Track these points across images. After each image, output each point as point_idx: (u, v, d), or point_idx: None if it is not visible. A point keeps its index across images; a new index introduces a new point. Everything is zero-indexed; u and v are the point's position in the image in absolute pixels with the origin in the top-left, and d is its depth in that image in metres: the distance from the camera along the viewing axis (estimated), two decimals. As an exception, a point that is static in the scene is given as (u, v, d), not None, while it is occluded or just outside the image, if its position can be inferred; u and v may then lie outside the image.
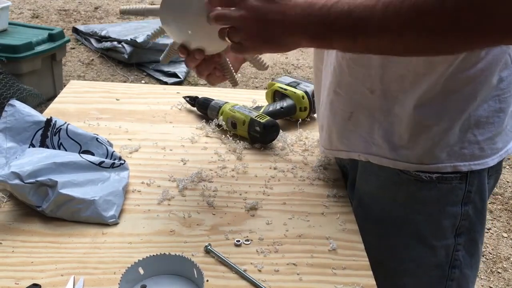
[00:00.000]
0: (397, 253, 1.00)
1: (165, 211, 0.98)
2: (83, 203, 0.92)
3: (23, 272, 0.81)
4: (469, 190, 0.95)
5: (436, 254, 0.99)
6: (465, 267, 1.00)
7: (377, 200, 1.02)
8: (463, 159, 0.92)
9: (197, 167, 1.12)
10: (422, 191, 0.96)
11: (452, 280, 1.00)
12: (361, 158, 1.00)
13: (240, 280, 0.83)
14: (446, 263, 0.99)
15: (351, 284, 0.83)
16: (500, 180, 3.02)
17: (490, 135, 0.92)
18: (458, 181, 0.94)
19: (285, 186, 1.08)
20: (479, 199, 0.97)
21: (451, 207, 0.96)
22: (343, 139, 1.01)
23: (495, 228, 2.65)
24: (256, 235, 0.93)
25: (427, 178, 0.94)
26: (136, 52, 4.07)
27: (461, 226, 0.97)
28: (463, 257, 1.00)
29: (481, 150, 0.92)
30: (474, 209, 0.97)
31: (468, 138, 0.91)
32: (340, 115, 0.99)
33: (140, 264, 0.79)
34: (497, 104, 0.90)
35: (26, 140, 1.03)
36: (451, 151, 0.92)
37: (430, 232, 0.98)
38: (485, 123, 0.91)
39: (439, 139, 0.91)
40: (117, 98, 1.42)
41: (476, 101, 0.89)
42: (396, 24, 0.69)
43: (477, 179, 0.95)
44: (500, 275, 2.34)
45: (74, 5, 5.51)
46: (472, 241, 1.00)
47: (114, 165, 1.02)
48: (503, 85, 0.89)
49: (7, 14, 3.43)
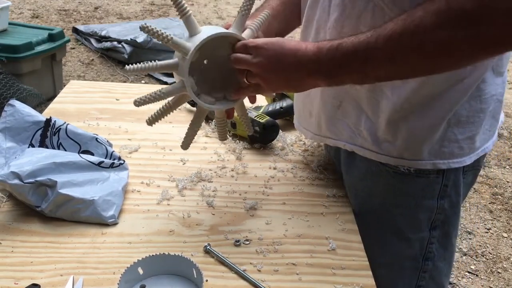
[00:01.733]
0: (374, 245, 1.02)
1: (164, 211, 0.98)
2: (82, 203, 0.92)
3: (22, 272, 0.81)
4: (445, 185, 0.97)
5: (411, 246, 1.02)
6: (438, 259, 1.04)
7: (357, 193, 1.05)
8: (442, 157, 0.94)
9: (197, 167, 1.12)
10: (400, 184, 0.98)
11: (425, 272, 1.04)
12: (346, 148, 1.02)
13: (240, 280, 0.83)
14: (420, 255, 1.03)
15: (351, 284, 0.83)
16: (500, 180, 3.02)
17: (470, 134, 0.94)
18: (435, 175, 0.96)
19: (285, 186, 1.08)
20: (455, 193, 0.99)
21: (427, 200, 0.99)
22: (331, 126, 1.02)
23: (495, 228, 2.65)
24: (256, 235, 0.93)
25: (406, 171, 0.96)
26: (136, 52, 4.07)
27: (436, 220, 1.00)
28: (437, 250, 1.03)
29: (460, 148, 0.95)
30: (450, 203, 1.00)
31: (449, 137, 0.93)
32: (330, 103, 1.00)
33: (139, 264, 0.79)
34: (478, 104, 0.92)
35: (26, 140, 1.03)
36: (432, 149, 0.94)
37: (406, 225, 1.01)
38: (465, 122, 0.93)
39: (422, 137, 0.93)
40: (117, 98, 1.42)
41: (460, 102, 0.90)
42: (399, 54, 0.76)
43: (454, 174, 0.97)
44: (500, 275, 2.34)
45: (74, 5, 5.51)
46: (446, 234, 1.03)
47: (113, 165, 1.02)
48: (484, 86, 0.91)
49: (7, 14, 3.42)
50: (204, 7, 5.90)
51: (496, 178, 3.06)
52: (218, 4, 6.07)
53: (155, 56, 4.11)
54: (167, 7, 5.72)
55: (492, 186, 2.98)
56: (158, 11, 5.59)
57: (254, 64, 0.87)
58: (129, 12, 5.46)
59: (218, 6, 5.97)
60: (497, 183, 3.02)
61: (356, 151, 1.00)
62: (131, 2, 5.79)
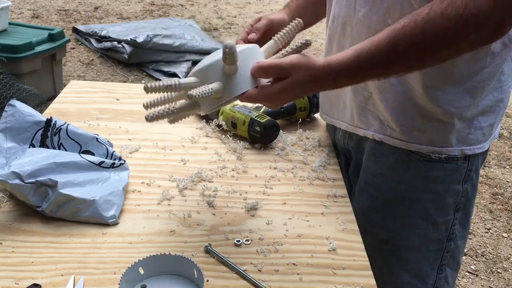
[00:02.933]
0: (404, 231, 1.07)
1: (165, 211, 0.98)
2: (83, 203, 0.92)
3: (23, 272, 0.81)
4: (469, 169, 1.03)
5: (438, 230, 1.06)
6: (459, 238, 1.09)
7: (386, 180, 1.07)
8: (469, 143, 1.00)
9: (197, 167, 1.12)
10: (430, 171, 1.02)
11: (447, 252, 1.09)
12: (375, 138, 1.06)
13: (240, 280, 0.83)
14: (445, 237, 1.08)
15: (351, 284, 0.83)
16: (500, 180, 3.02)
17: (491, 122, 1.01)
18: (462, 161, 1.02)
19: (285, 186, 1.08)
20: (476, 176, 1.06)
21: (454, 185, 1.03)
22: (362, 117, 1.07)
23: (495, 228, 2.65)
24: (256, 235, 0.93)
25: (436, 158, 1.01)
26: (136, 52, 4.07)
27: (460, 203, 1.05)
28: (458, 230, 1.08)
29: (483, 135, 1.01)
30: (472, 186, 1.05)
31: (475, 125, 0.99)
32: (361, 93, 1.05)
33: (140, 264, 0.79)
34: (499, 94, 0.99)
35: (26, 140, 1.03)
36: (460, 136, 0.99)
37: (435, 210, 1.05)
38: (488, 111, 0.99)
39: (451, 125, 0.98)
40: (117, 98, 1.43)
41: (484, 92, 0.96)
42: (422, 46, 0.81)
43: (476, 158, 1.03)
44: (500, 275, 2.34)
45: (74, 5, 5.51)
46: (466, 214, 1.08)
47: (114, 165, 1.02)
48: (504, 77, 0.97)
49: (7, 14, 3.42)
50: (204, 7, 5.90)
51: (496, 178, 3.06)
52: (218, 4, 6.07)
53: (155, 56, 4.11)
54: (167, 7, 5.72)
55: (492, 186, 2.98)
56: (158, 11, 5.59)
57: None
58: (129, 12, 5.46)
59: (218, 6, 5.97)
60: (497, 183, 3.02)
61: (385, 141, 1.04)
62: (131, 2, 5.79)
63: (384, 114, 1.02)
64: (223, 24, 5.36)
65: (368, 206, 1.08)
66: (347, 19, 1.01)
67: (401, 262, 1.03)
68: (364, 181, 1.11)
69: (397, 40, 0.80)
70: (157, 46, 4.08)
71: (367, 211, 1.06)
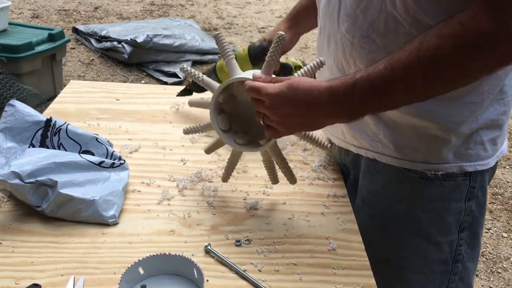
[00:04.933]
0: (403, 250, 1.02)
1: (165, 211, 0.98)
2: (83, 203, 0.92)
3: (23, 272, 0.81)
4: (472, 186, 0.97)
5: (441, 250, 1.00)
6: (467, 260, 1.03)
7: (381, 198, 1.03)
8: (468, 159, 0.94)
9: (197, 167, 1.12)
10: (427, 188, 0.97)
11: (455, 274, 1.02)
12: (368, 155, 1.01)
13: (240, 280, 0.83)
14: (450, 258, 1.01)
15: (351, 284, 0.83)
16: (500, 180, 3.02)
17: (493, 136, 0.95)
18: (462, 178, 0.96)
19: (285, 186, 1.08)
20: (482, 194, 0.99)
21: (455, 203, 0.97)
22: (353, 134, 1.03)
23: (495, 228, 2.65)
24: (256, 235, 0.93)
25: (432, 175, 0.95)
26: (136, 52, 4.07)
27: (464, 222, 0.99)
28: (465, 251, 1.01)
29: (485, 150, 0.95)
30: (477, 204, 0.99)
31: (474, 139, 0.94)
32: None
33: (140, 264, 0.79)
34: (501, 107, 0.93)
35: (26, 140, 1.03)
36: (457, 152, 0.94)
37: (435, 229, 0.99)
38: (491, 125, 0.94)
39: (447, 141, 0.92)
40: (117, 98, 1.42)
41: (483, 105, 0.91)
42: (421, 81, 0.77)
43: (480, 175, 0.97)
44: (500, 275, 2.34)
45: (74, 5, 5.51)
46: (474, 234, 1.02)
47: (114, 165, 1.02)
48: (507, 88, 0.92)
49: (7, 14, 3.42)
50: (204, 7, 5.90)
51: (496, 178, 3.06)
52: (218, 4, 6.07)
53: (155, 56, 4.11)
54: (167, 7, 5.72)
55: (492, 186, 2.98)
56: (158, 11, 5.59)
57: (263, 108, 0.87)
58: (129, 12, 5.46)
59: (218, 6, 5.97)
60: (497, 183, 3.02)
61: (377, 158, 1.00)
62: (131, 2, 5.79)
63: (375, 131, 0.98)
64: (223, 24, 5.36)
65: (365, 225, 1.01)
66: (332, 32, 0.97)
67: (404, 285, 0.97)
68: (361, 198, 1.07)
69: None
70: (157, 46, 4.08)
71: (365, 229, 0.99)
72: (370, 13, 0.88)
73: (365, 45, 0.91)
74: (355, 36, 0.91)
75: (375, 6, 0.87)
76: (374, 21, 0.88)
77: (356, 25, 0.91)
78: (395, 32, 0.86)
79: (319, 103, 0.83)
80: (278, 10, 5.97)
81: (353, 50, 0.93)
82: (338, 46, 0.96)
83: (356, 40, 0.92)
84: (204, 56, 4.30)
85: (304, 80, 0.86)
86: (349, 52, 0.94)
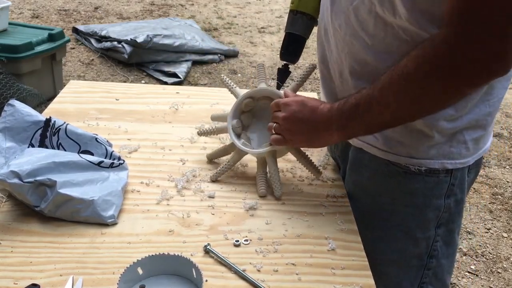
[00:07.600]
0: (383, 244, 1.04)
1: (164, 211, 0.98)
2: (82, 203, 0.92)
3: (22, 272, 0.81)
4: (452, 184, 0.99)
5: (418, 245, 1.03)
6: (442, 257, 1.05)
7: (366, 191, 1.06)
8: (450, 157, 0.96)
9: (196, 167, 1.12)
10: (410, 183, 0.99)
11: (429, 269, 1.05)
12: (355, 144, 1.04)
13: (239, 280, 0.83)
14: (425, 253, 1.04)
15: (350, 284, 0.83)
16: (500, 180, 3.02)
17: (477, 136, 0.97)
18: (444, 175, 0.98)
19: (285, 186, 1.08)
20: (460, 191, 1.01)
21: (436, 199, 1.00)
22: None
23: (495, 228, 2.65)
24: (255, 235, 0.93)
25: (416, 170, 0.97)
26: (136, 52, 4.07)
27: (441, 218, 1.02)
28: (440, 248, 1.04)
29: (467, 149, 0.97)
30: (455, 202, 1.01)
31: (458, 138, 0.95)
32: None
33: (139, 264, 0.79)
34: (487, 108, 0.95)
35: (26, 140, 1.03)
36: (440, 149, 0.95)
37: (415, 224, 1.02)
38: (475, 125, 0.95)
39: (430, 137, 0.94)
40: (117, 98, 1.42)
41: (468, 106, 0.92)
42: (393, 101, 0.84)
43: (460, 173, 0.99)
44: (500, 275, 2.34)
45: (74, 5, 5.51)
46: (450, 231, 1.04)
47: (113, 165, 1.02)
48: (492, 90, 0.94)
49: (7, 14, 3.42)
50: (204, 7, 5.90)
51: (496, 178, 3.06)
52: (218, 4, 6.07)
53: (155, 56, 4.11)
54: (167, 7, 5.72)
55: (492, 186, 2.98)
56: (158, 11, 5.59)
57: (280, 117, 1.00)
58: (129, 12, 5.46)
59: (218, 6, 5.97)
60: (497, 183, 3.02)
61: (364, 148, 1.02)
62: (131, 2, 5.79)
63: None
64: (223, 24, 5.36)
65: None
66: (328, 26, 1.01)
67: (381, 277, 0.96)
68: (347, 191, 1.09)
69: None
70: (157, 46, 4.08)
71: None
72: (360, 12, 0.90)
73: (355, 42, 0.93)
74: (346, 33, 0.95)
75: (365, 6, 0.89)
76: (364, 21, 0.91)
77: (348, 23, 0.94)
78: (384, 32, 0.89)
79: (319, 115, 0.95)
80: (278, 10, 5.97)
81: (344, 45, 0.96)
82: (331, 40, 1.00)
83: (347, 37, 0.95)
84: (204, 56, 4.30)
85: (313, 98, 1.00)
86: (341, 47, 0.98)
